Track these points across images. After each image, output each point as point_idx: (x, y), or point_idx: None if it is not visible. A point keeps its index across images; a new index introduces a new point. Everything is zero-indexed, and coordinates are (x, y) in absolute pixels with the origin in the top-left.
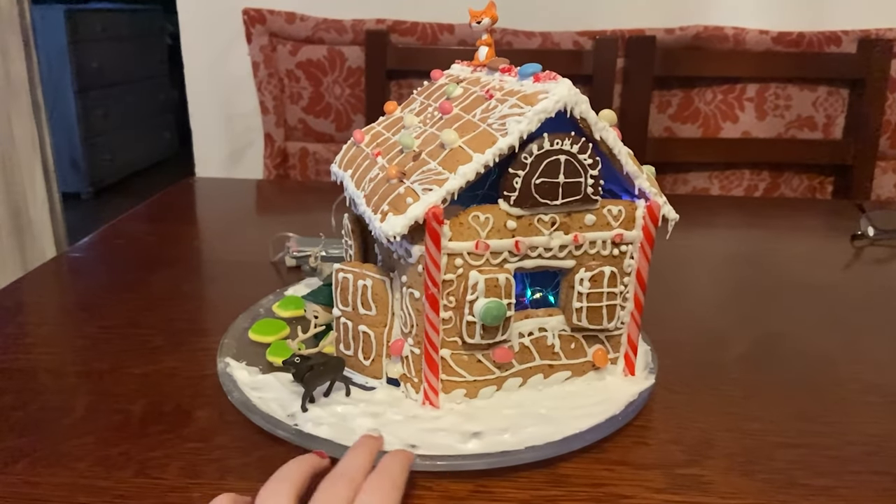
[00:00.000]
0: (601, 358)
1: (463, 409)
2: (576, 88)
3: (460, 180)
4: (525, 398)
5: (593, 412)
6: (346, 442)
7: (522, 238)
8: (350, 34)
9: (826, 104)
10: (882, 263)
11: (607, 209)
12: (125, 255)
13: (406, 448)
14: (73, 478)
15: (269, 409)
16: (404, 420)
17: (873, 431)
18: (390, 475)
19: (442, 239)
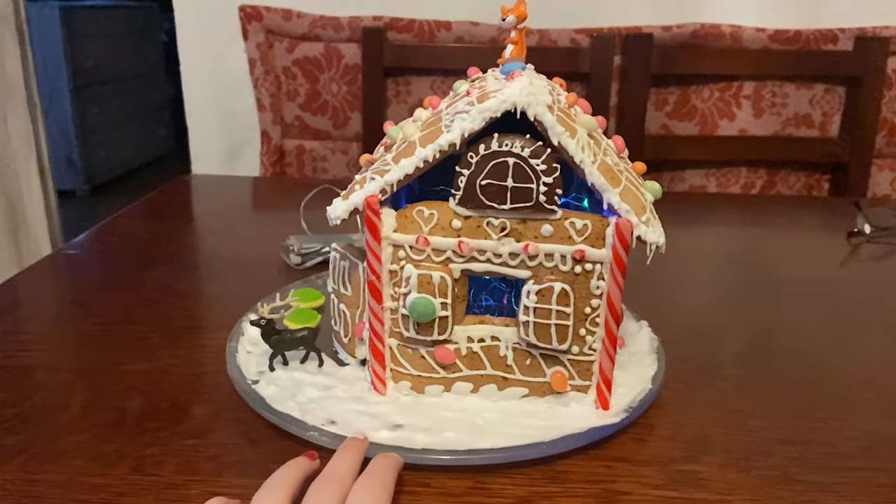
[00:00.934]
0: (559, 381)
1: (407, 402)
2: (535, 88)
3: (399, 173)
4: (473, 405)
5: (529, 434)
6: (283, 406)
7: (467, 239)
8: (347, 31)
9: (823, 102)
10: (878, 261)
11: (570, 221)
12: (121, 253)
13: (326, 423)
14: (69, 475)
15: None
16: (346, 398)
17: (869, 427)
18: (381, 476)
19: (383, 229)
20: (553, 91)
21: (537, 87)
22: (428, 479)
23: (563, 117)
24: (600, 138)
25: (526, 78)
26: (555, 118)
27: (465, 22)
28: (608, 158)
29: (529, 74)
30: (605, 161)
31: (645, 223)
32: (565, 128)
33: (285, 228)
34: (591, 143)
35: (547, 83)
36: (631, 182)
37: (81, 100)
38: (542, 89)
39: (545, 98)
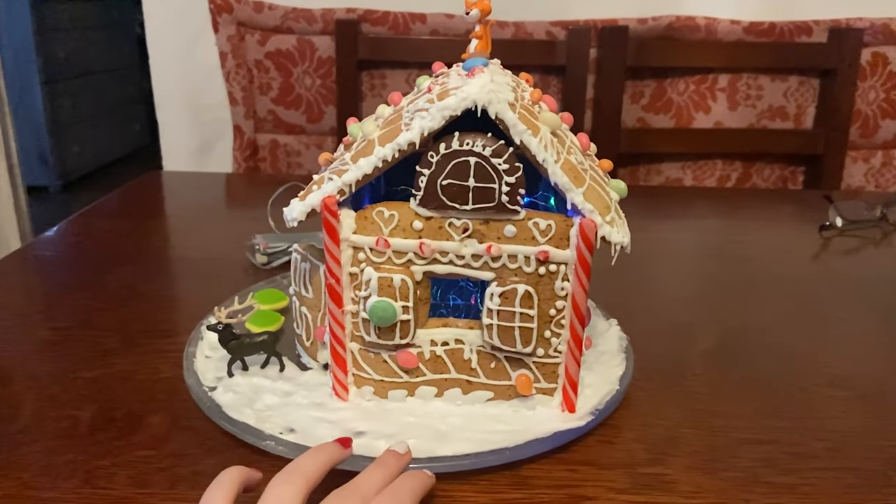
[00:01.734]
0: (524, 385)
1: (369, 407)
2: (497, 85)
3: (357, 173)
4: (437, 410)
5: (494, 439)
6: (239, 413)
7: (429, 241)
8: (320, 24)
9: (797, 94)
10: (849, 254)
11: (533, 222)
12: (83, 252)
13: (284, 431)
14: (17, 488)
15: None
16: (306, 405)
17: (837, 427)
18: (399, 496)
19: (342, 231)
20: (518, 87)
21: (499, 84)
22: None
23: (526, 115)
24: (564, 136)
25: (487, 75)
26: (517, 116)
27: (440, 14)
28: (572, 157)
29: (492, 70)
30: (568, 160)
31: (609, 223)
32: (528, 126)
33: (254, 226)
34: (554, 141)
35: (511, 79)
36: (596, 181)
37: (53, 94)
38: (504, 86)
39: (507, 95)
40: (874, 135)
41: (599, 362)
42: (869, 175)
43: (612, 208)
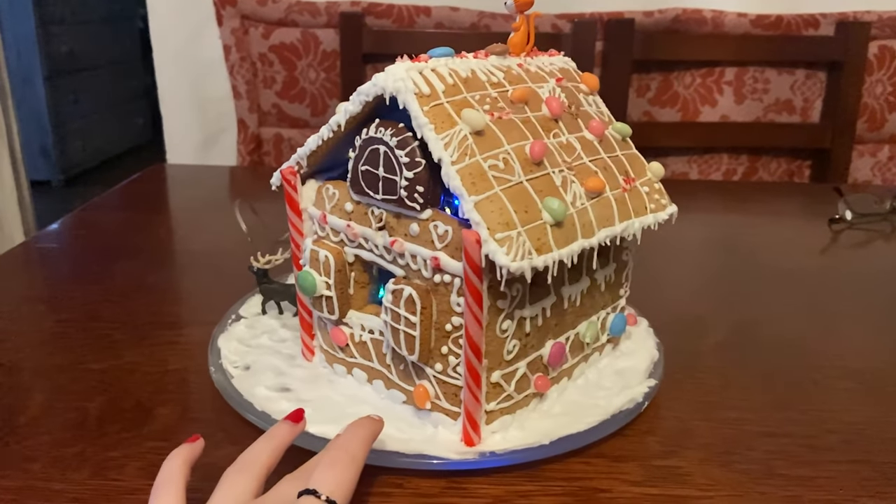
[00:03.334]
0: (420, 396)
1: (322, 374)
2: (407, 74)
3: (306, 148)
4: (365, 396)
5: (387, 444)
6: (236, 353)
7: (355, 224)
8: (324, 17)
9: (804, 87)
10: (859, 247)
11: (434, 224)
12: (89, 245)
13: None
14: (26, 480)
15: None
16: (282, 357)
17: (851, 419)
18: (349, 448)
19: (302, 201)
20: (475, 79)
21: (410, 73)
22: (401, 480)
23: (449, 110)
24: (500, 138)
25: (403, 63)
26: (426, 108)
27: (445, 7)
28: (490, 162)
29: (442, 62)
30: (479, 163)
31: (501, 241)
32: (435, 120)
33: (258, 219)
34: (469, 142)
35: (480, 71)
36: (520, 196)
37: (56, 88)
38: (416, 76)
39: (416, 86)
40: (881, 129)
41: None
42: (876, 169)
43: (517, 226)
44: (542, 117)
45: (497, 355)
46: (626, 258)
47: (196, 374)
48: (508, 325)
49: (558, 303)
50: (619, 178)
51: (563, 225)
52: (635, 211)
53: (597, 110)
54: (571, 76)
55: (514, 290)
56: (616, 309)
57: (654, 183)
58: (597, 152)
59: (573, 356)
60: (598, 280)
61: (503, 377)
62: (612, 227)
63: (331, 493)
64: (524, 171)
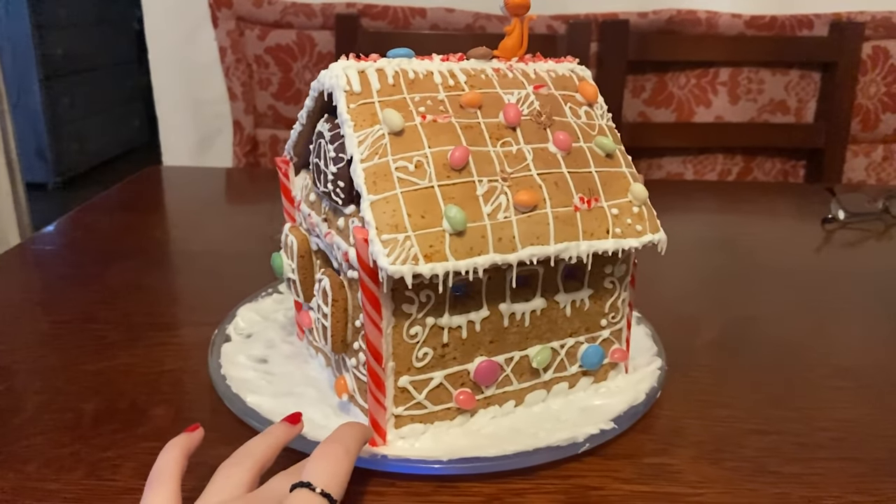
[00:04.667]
0: (340, 387)
1: (303, 353)
2: (342, 72)
3: (290, 141)
4: (315, 378)
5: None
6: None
7: (312, 213)
8: (320, 18)
9: (798, 88)
10: (852, 247)
11: (352, 220)
12: (84, 247)
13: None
14: (21, 480)
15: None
16: (282, 333)
17: (843, 417)
18: (343, 442)
19: (293, 189)
20: (426, 81)
21: (347, 70)
22: (393, 479)
23: (373, 109)
24: (423, 141)
25: (344, 61)
26: (355, 106)
27: (440, 8)
28: (400, 163)
29: (394, 62)
30: (387, 164)
31: (386, 243)
32: (359, 118)
33: (255, 221)
34: (386, 141)
35: (438, 73)
36: (422, 200)
37: (52, 90)
38: (353, 74)
39: (349, 84)
40: (875, 129)
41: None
42: (870, 169)
43: (409, 230)
44: (495, 124)
45: (405, 360)
46: (611, 286)
47: (191, 374)
48: (418, 332)
49: (494, 319)
50: (573, 196)
51: (464, 235)
52: (587, 232)
53: (584, 122)
54: (567, 84)
55: (424, 297)
56: (595, 340)
57: (633, 206)
58: (555, 166)
59: (521, 380)
60: (562, 303)
61: (412, 384)
62: (544, 246)
63: (325, 486)
64: (439, 176)
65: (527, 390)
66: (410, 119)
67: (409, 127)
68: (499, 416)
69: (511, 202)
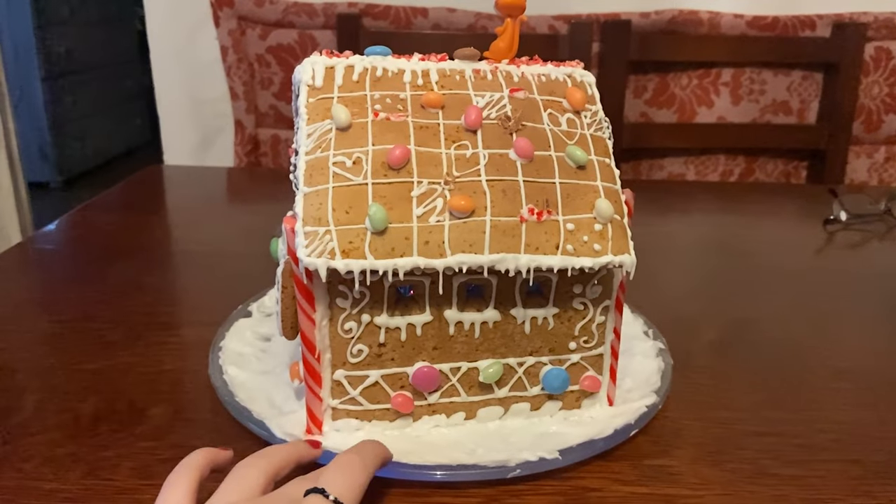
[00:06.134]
0: (293, 372)
1: None
2: (318, 66)
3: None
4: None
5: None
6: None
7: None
8: (321, 18)
9: (800, 89)
10: (853, 248)
11: (290, 211)
12: (84, 246)
13: None
14: (19, 480)
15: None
16: None
17: (842, 419)
18: (363, 455)
19: None
20: (393, 80)
21: (314, 66)
22: (390, 480)
23: (328, 104)
24: (367, 138)
25: (314, 57)
26: (313, 100)
27: (442, 8)
28: (338, 158)
29: (361, 59)
30: (326, 158)
31: (307, 235)
32: (313, 112)
33: (254, 221)
34: (332, 136)
35: (409, 72)
36: (351, 196)
37: (54, 89)
38: (319, 69)
39: (312, 79)
40: (878, 130)
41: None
42: (872, 170)
43: (330, 224)
44: (454, 126)
45: (340, 354)
46: (582, 308)
47: (191, 374)
48: (352, 328)
49: (438, 325)
50: (521, 206)
51: (386, 234)
52: (531, 246)
53: (562, 130)
54: (554, 89)
55: (357, 293)
56: (561, 363)
57: (596, 224)
58: (510, 173)
59: (470, 393)
60: (520, 319)
61: (347, 379)
62: (477, 255)
63: (339, 496)
64: (375, 174)
65: (479, 404)
66: (363, 116)
67: (358, 123)
68: (443, 425)
69: (447, 206)
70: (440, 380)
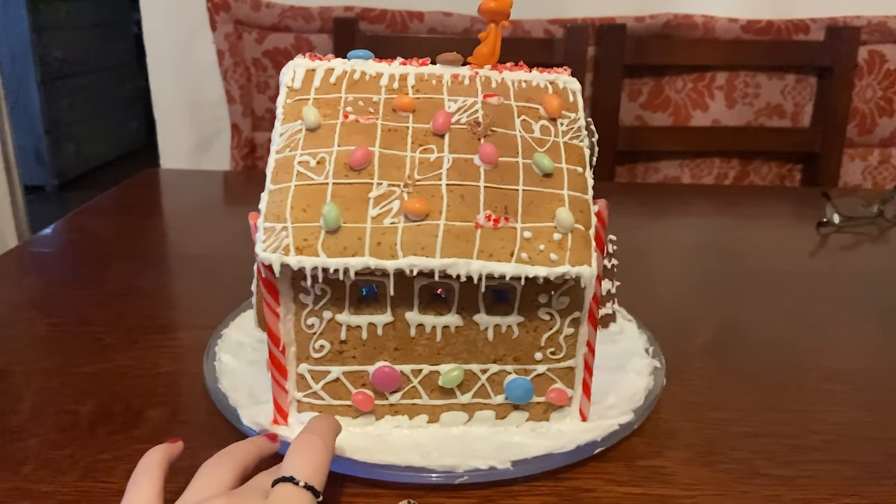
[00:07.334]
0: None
1: None
2: (291, 70)
3: None
4: None
5: None
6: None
7: None
8: (318, 22)
9: (794, 92)
10: (846, 250)
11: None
12: (81, 249)
13: None
14: (16, 482)
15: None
16: None
17: (835, 419)
18: (320, 434)
19: None
20: (370, 83)
21: (296, 68)
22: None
23: (303, 105)
24: (334, 139)
25: (298, 59)
26: (291, 101)
27: (438, 12)
28: (303, 158)
29: (348, 62)
30: (293, 157)
31: (265, 230)
32: (289, 113)
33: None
34: (301, 136)
35: (387, 76)
36: (311, 194)
37: (50, 93)
38: (300, 71)
39: (292, 80)
40: (871, 133)
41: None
42: (866, 173)
43: (288, 221)
44: (423, 130)
45: (304, 348)
46: (548, 318)
47: (187, 377)
48: (314, 323)
49: (400, 326)
50: (479, 212)
51: (339, 234)
52: (485, 252)
53: (534, 136)
54: (533, 95)
55: (318, 289)
56: (527, 373)
57: (556, 233)
58: (472, 178)
59: (432, 396)
60: (483, 325)
61: (311, 373)
62: (428, 258)
63: (308, 479)
64: (337, 174)
65: (441, 409)
66: (334, 118)
67: (328, 125)
68: (405, 427)
69: (403, 209)
70: (401, 381)
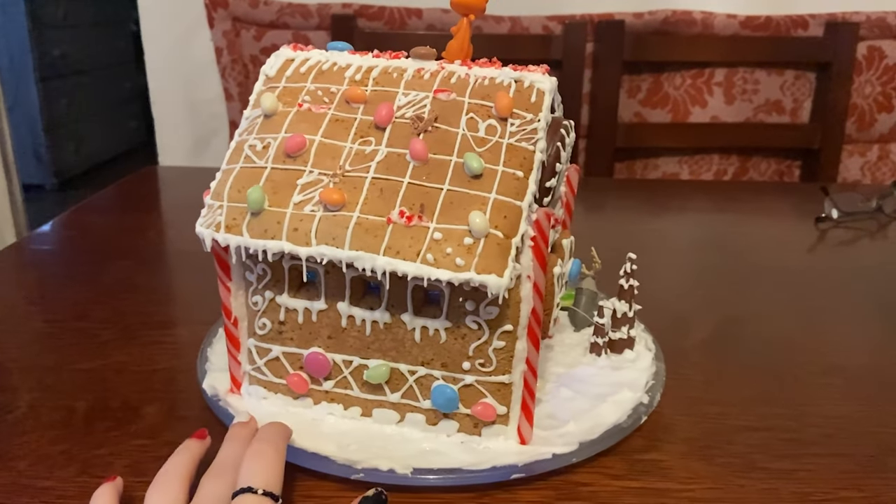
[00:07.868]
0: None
1: None
2: (268, 67)
3: None
4: None
5: None
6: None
7: None
8: (316, 19)
9: (793, 88)
10: (844, 245)
11: None
12: (79, 246)
13: None
14: (13, 478)
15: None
16: None
17: (833, 413)
18: (271, 441)
19: None
20: (335, 74)
21: (278, 58)
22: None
23: (272, 93)
24: (283, 126)
25: (283, 49)
26: (263, 89)
27: (437, 9)
28: (252, 142)
29: (325, 54)
30: (246, 140)
31: (208, 207)
32: (256, 99)
33: None
34: (259, 122)
35: (354, 68)
36: (250, 177)
37: (49, 91)
38: (280, 61)
39: (269, 69)
40: (870, 128)
41: None
42: (865, 169)
43: (225, 200)
44: (368, 122)
45: (251, 324)
46: (476, 327)
47: (184, 373)
48: (258, 301)
49: (332, 315)
50: (395, 208)
51: (261, 216)
52: (392, 249)
53: (477, 135)
54: (490, 93)
55: (260, 269)
56: (455, 381)
57: (466, 237)
58: (398, 173)
59: (363, 390)
60: (409, 325)
61: (256, 349)
62: (337, 249)
63: (265, 486)
64: (276, 159)
65: (372, 404)
66: (291, 105)
67: (282, 112)
68: (339, 416)
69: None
70: (332, 369)
